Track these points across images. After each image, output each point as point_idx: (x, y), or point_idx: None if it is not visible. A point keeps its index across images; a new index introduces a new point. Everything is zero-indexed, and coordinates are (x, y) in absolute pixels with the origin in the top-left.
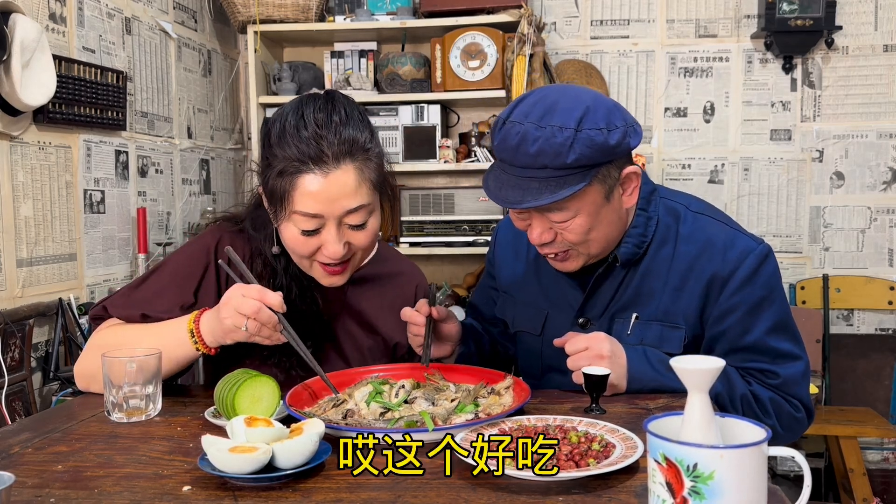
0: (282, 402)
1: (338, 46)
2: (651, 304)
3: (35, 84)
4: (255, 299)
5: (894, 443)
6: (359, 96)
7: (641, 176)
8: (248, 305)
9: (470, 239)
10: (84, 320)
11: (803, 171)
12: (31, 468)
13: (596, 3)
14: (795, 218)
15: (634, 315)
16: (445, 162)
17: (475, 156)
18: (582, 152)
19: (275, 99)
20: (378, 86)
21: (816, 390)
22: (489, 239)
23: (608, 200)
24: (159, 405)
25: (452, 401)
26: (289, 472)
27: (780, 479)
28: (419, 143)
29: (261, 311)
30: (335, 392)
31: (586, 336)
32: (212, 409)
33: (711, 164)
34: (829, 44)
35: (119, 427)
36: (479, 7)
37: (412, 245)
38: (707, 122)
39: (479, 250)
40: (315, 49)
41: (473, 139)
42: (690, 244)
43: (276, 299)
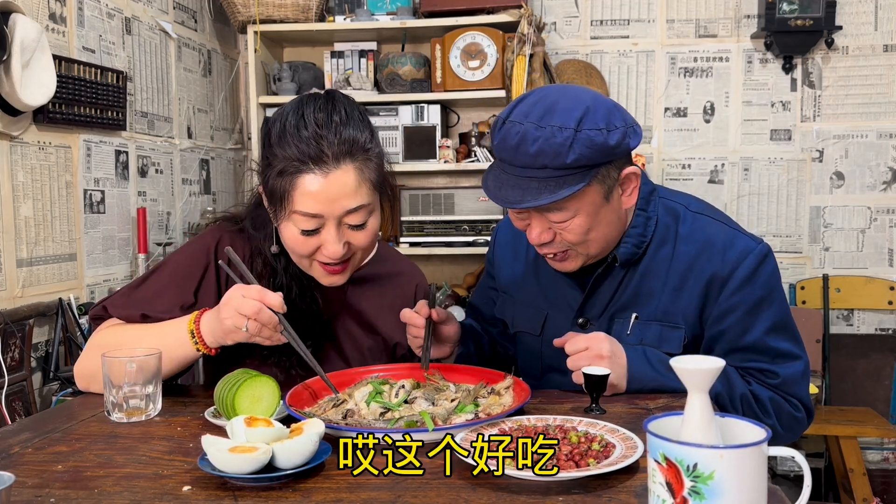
0: (282, 402)
1: (338, 46)
2: (650, 304)
3: (35, 84)
4: (255, 300)
5: (894, 443)
6: (359, 96)
7: (641, 176)
8: (249, 306)
9: (470, 239)
10: (84, 320)
11: (803, 171)
12: (31, 468)
13: (596, 3)
14: (795, 218)
15: (634, 315)
16: (445, 162)
17: (475, 156)
18: (581, 152)
19: (275, 99)
20: (378, 86)
21: (816, 390)
22: (489, 239)
23: (607, 201)
24: (159, 405)
25: (452, 401)
26: (289, 472)
27: (780, 479)
28: (419, 143)
29: (261, 312)
30: (335, 392)
31: (586, 336)
32: (212, 409)
33: (711, 164)
34: (829, 44)
35: (119, 427)
36: (479, 7)
37: (412, 245)
38: (707, 122)
39: (479, 250)
40: (315, 49)
41: (473, 139)
42: (690, 244)
43: (276, 300)
